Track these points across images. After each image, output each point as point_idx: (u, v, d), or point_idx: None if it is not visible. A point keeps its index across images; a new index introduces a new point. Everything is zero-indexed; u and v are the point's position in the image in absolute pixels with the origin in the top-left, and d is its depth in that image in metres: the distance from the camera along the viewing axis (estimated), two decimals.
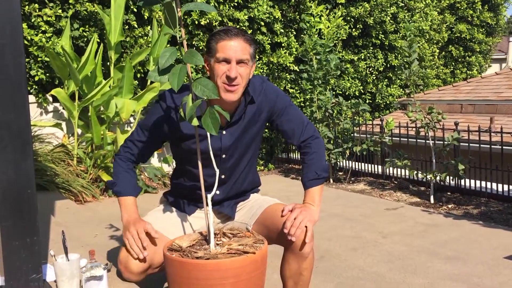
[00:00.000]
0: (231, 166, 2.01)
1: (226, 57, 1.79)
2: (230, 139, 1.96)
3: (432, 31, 9.58)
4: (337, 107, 5.62)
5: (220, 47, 1.80)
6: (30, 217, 1.60)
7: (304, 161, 2.05)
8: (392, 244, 3.26)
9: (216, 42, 1.81)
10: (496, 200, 4.44)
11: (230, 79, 1.79)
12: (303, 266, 1.86)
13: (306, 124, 2.07)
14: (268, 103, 2.00)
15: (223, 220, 2.10)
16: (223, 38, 1.80)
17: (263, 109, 2.00)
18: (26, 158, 1.58)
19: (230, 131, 1.95)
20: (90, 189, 4.34)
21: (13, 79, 1.56)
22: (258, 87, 1.98)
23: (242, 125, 1.97)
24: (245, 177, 2.09)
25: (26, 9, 4.61)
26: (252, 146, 2.06)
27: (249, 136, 2.01)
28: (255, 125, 2.01)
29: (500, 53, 17.84)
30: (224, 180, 2.00)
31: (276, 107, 2.02)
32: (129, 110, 4.52)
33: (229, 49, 1.79)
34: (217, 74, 1.81)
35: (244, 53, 1.81)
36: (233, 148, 1.98)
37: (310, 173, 1.99)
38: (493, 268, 2.80)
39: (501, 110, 8.56)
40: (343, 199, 4.61)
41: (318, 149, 2.05)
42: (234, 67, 1.80)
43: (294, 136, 2.05)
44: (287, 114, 2.04)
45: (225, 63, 1.80)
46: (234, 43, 1.80)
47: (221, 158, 1.96)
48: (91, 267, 1.73)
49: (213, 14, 5.73)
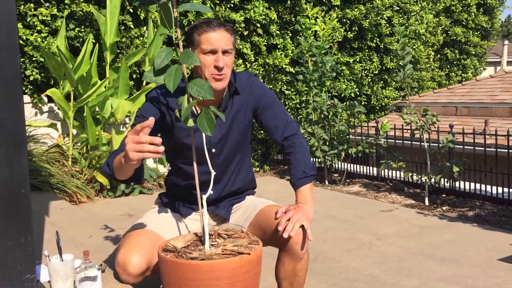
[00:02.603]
0: (222, 162, 2.01)
1: (213, 48, 1.83)
2: (219, 132, 1.97)
3: (427, 34, 9.62)
4: (333, 109, 5.63)
5: (204, 39, 1.84)
6: (24, 217, 1.59)
7: (290, 161, 2.04)
8: (387, 245, 3.26)
9: (199, 34, 1.85)
10: (491, 202, 4.46)
11: (219, 68, 1.84)
12: (298, 267, 1.86)
13: (290, 122, 2.09)
14: (254, 97, 2.03)
15: (218, 222, 2.10)
16: (206, 30, 1.84)
17: (249, 104, 2.03)
18: (21, 157, 1.58)
19: (218, 122, 1.95)
20: (85, 190, 4.33)
21: (8, 77, 1.55)
22: (245, 81, 2.03)
23: (230, 117, 1.98)
24: (237, 174, 2.09)
25: (21, 8, 4.60)
26: (242, 142, 2.07)
27: (238, 130, 2.02)
28: (243, 120, 2.02)
29: (495, 56, 17.92)
30: (216, 177, 2.00)
31: (262, 101, 2.05)
32: (125, 110, 4.52)
33: (214, 40, 1.83)
34: (205, 65, 1.84)
35: (228, 43, 1.87)
36: (222, 142, 1.99)
37: (298, 173, 1.99)
38: (487, 270, 2.81)
39: (496, 113, 8.60)
40: (338, 201, 4.61)
41: (302, 147, 2.06)
42: (221, 57, 1.84)
43: (277, 132, 2.06)
44: (272, 110, 2.06)
45: (211, 54, 1.84)
46: (218, 34, 1.84)
47: (211, 153, 1.96)
48: (85, 267, 1.72)
49: (209, 15, 5.73)
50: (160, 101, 1.94)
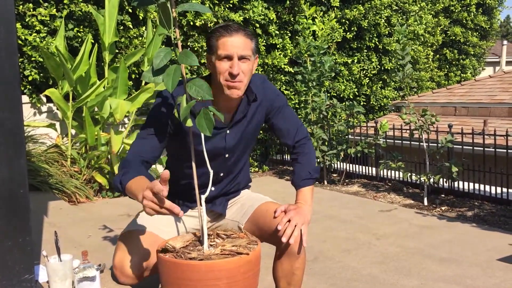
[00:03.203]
0: (231, 164, 2.02)
1: (228, 54, 1.77)
2: (234, 138, 1.96)
3: (426, 34, 9.62)
4: (332, 109, 5.63)
5: (220, 44, 1.78)
6: (22, 217, 1.59)
7: (297, 160, 2.05)
8: (386, 245, 3.26)
9: (216, 39, 1.79)
10: (490, 202, 4.46)
11: (232, 76, 1.78)
12: (296, 266, 1.86)
13: (301, 125, 2.10)
14: (267, 101, 2.01)
15: (214, 217, 2.09)
16: (223, 34, 1.78)
17: (263, 107, 2.01)
18: (19, 157, 1.57)
19: (234, 130, 1.95)
20: (83, 190, 4.32)
21: (7, 78, 1.55)
22: (259, 85, 1.99)
23: (245, 123, 1.97)
24: (242, 173, 2.11)
25: (20, 8, 4.59)
26: (251, 144, 2.08)
27: (250, 134, 2.02)
28: (255, 123, 2.02)
29: (494, 57, 17.94)
30: (221, 178, 2.01)
31: (275, 105, 2.03)
32: (123, 111, 4.51)
33: (230, 45, 1.77)
34: (220, 71, 1.79)
35: (246, 48, 1.80)
36: (235, 147, 1.99)
37: (303, 172, 2.00)
38: (486, 270, 2.81)
39: (495, 113, 8.61)
40: (337, 201, 4.61)
41: (311, 150, 2.08)
42: (237, 63, 1.78)
43: (289, 135, 2.06)
44: (284, 113, 2.06)
45: (226, 60, 1.78)
46: (235, 39, 1.78)
47: (224, 158, 1.96)
48: (84, 268, 1.72)
49: (208, 15, 5.73)
50: (172, 104, 1.86)
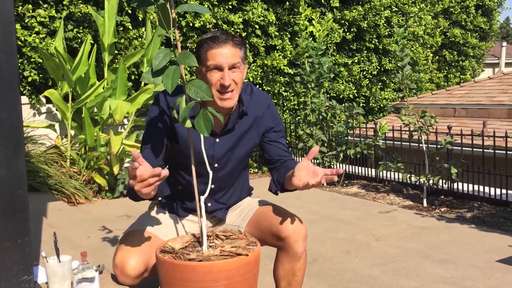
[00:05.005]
0: (223, 177, 1.98)
1: (218, 65, 1.77)
2: (224, 147, 1.93)
3: (426, 35, 9.63)
4: (331, 110, 5.63)
5: (210, 56, 1.77)
6: (21, 218, 1.59)
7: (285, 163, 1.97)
8: (385, 247, 3.26)
9: (205, 51, 1.78)
10: (489, 203, 4.46)
11: (224, 87, 1.77)
12: (297, 267, 1.86)
13: (288, 154, 2.04)
14: (268, 122, 1.98)
15: (215, 223, 2.09)
16: (212, 46, 1.77)
17: (261, 126, 1.97)
18: (18, 157, 1.57)
19: (224, 139, 1.93)
20: (83, 191, 4.32)
21: (6, 78, 1.55)
22: (264, 103, 1.98)
23: (236, 136, 1.94)
24: (240, 188, 2.09)
25: (19, 9, 4.59)
26: (245, 161, 2.05)
27: (243, 150, 1.98)
28: (251, 140, 1.98)
29: (493, 58, 17.94)
30: (214, 190, 1.98)
31: (274, 129, 2.00)
32: (123, 111, 4.51)
33: (220, 56, 1.76)
34: (211, 82, 1.78)
35: (235, 58, 1.79)
36: (226, 159, 1.95)
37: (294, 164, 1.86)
38: (485, 271, 2.81)
39: (494, 114, 8.61)
40: (337, 202, 4.61)
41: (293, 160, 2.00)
42: (227, 73, 1.77)
43: (275, 159, 2.00)
44: (279, 140, 2.02)
45: (217, 71, 1.78)
46: (224, 50, 1.77)
47: (213, 167, 1.92)
48: (83, 269, 1.72)
49: (207, 16, 5.74)
50: (169, 108, 1.87)
